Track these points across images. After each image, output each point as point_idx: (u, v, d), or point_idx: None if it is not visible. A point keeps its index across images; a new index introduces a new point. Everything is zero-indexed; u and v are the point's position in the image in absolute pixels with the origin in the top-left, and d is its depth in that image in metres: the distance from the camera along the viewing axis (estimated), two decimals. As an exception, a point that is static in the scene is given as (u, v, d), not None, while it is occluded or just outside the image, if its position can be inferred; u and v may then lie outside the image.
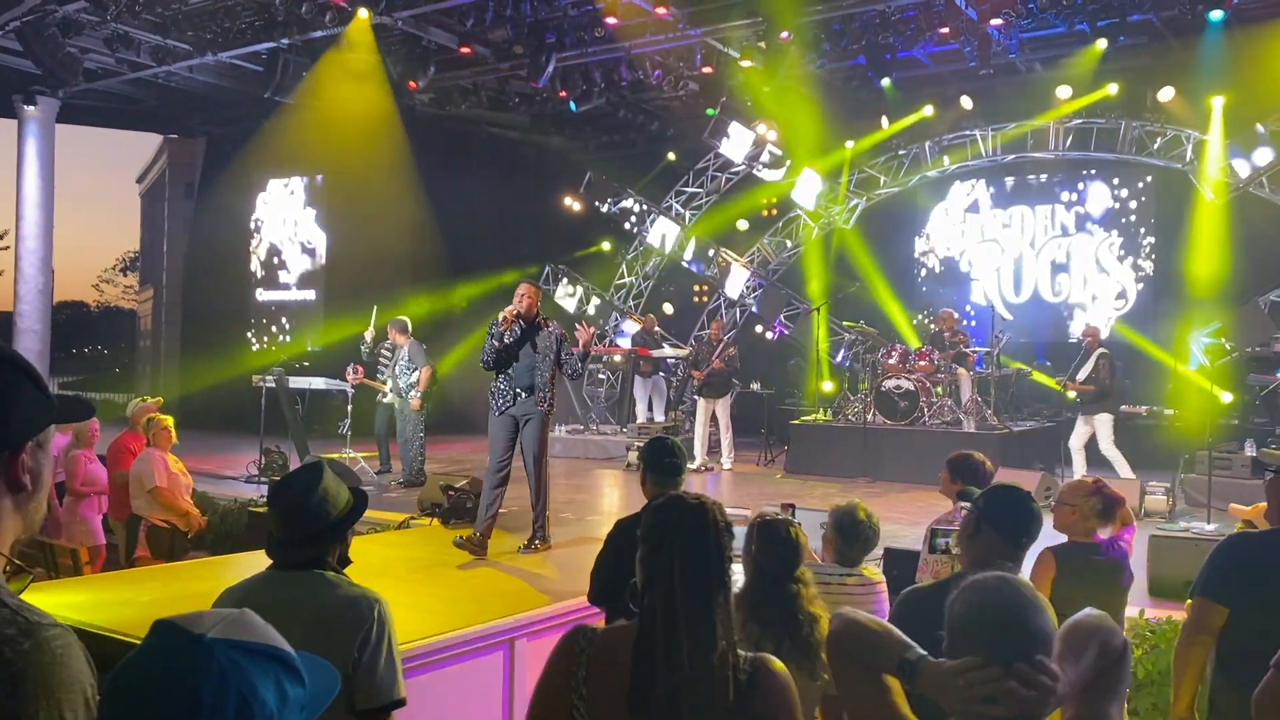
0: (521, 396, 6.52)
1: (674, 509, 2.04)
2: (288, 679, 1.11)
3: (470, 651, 4.70)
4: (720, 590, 1.95)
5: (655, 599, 1.94)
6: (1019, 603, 1.68)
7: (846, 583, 3.76)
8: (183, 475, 7.71)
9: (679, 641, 1.90)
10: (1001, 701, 1.61)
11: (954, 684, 1.65)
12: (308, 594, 2.45)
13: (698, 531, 1.98)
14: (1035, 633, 1.66)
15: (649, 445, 4.13)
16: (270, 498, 2.58)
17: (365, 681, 2.40)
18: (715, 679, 1.89)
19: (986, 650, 1.64)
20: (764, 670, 1.95)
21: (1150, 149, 13.24)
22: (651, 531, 2.02)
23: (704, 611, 1.92)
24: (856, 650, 1.84)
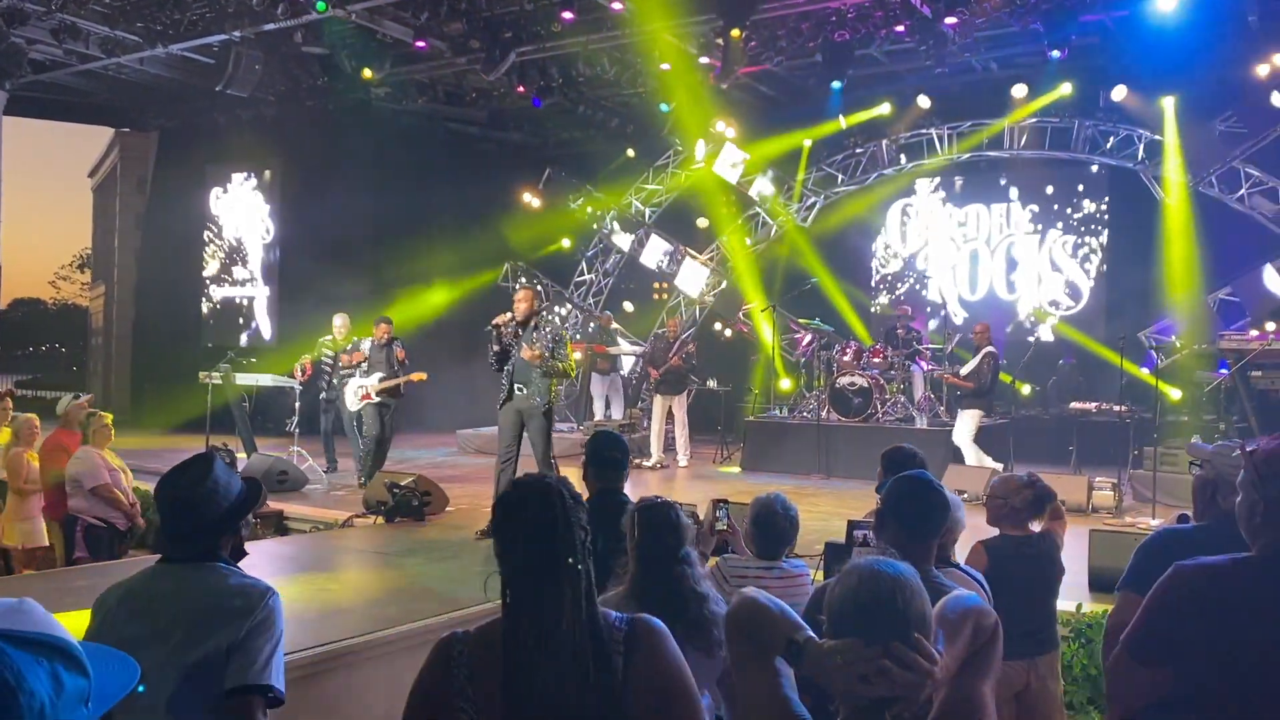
0: (521, 391, 7.27)
1: (515, 493, 2.04)
2: (65, 669, 1.05)
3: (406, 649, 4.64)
4: (572, 563, 1.94)
5: (512, 584, 1.94)
6: (893, 585, 1.70)
7: (764, 576, 3.73)
8: (123, 471, 7.57)
9: (537, 618, 1.91)
10: (876, 681, 1.63)
11: (832, 662, 1.67)
12: (197, 585, 2.38)
13: (540, 510, 1.97)
14: (910, 613, 1.68)
15: (592, 439, 4.11)
16: (157, 490, 2.49)
17: (238, 661, 2.31)
18: (584, 648, 1.90)
19: (863, 630, 1.66)
20: (640, 627, 1.98)
21: (1103, 148, 13.37)
22: (499, 518, 2.01)
23: (556, 588, 1.91)
24: (750, 629, 1.84)
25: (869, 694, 1.65)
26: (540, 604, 1.92)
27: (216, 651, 2.30)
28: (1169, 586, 2.27)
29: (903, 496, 2.77)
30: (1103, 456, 10.60)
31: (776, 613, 1.83)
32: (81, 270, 49.08)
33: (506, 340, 7.31)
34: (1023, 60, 13.31)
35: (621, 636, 1.95)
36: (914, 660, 1.63)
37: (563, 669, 1.89)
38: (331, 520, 7.84)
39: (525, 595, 1.94)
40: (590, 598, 1.96)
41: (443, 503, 7.94)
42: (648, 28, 12.56)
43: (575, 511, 1.99)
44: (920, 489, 2.77)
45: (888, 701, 1.66)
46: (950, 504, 3.49)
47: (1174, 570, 2.28)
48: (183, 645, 2.30)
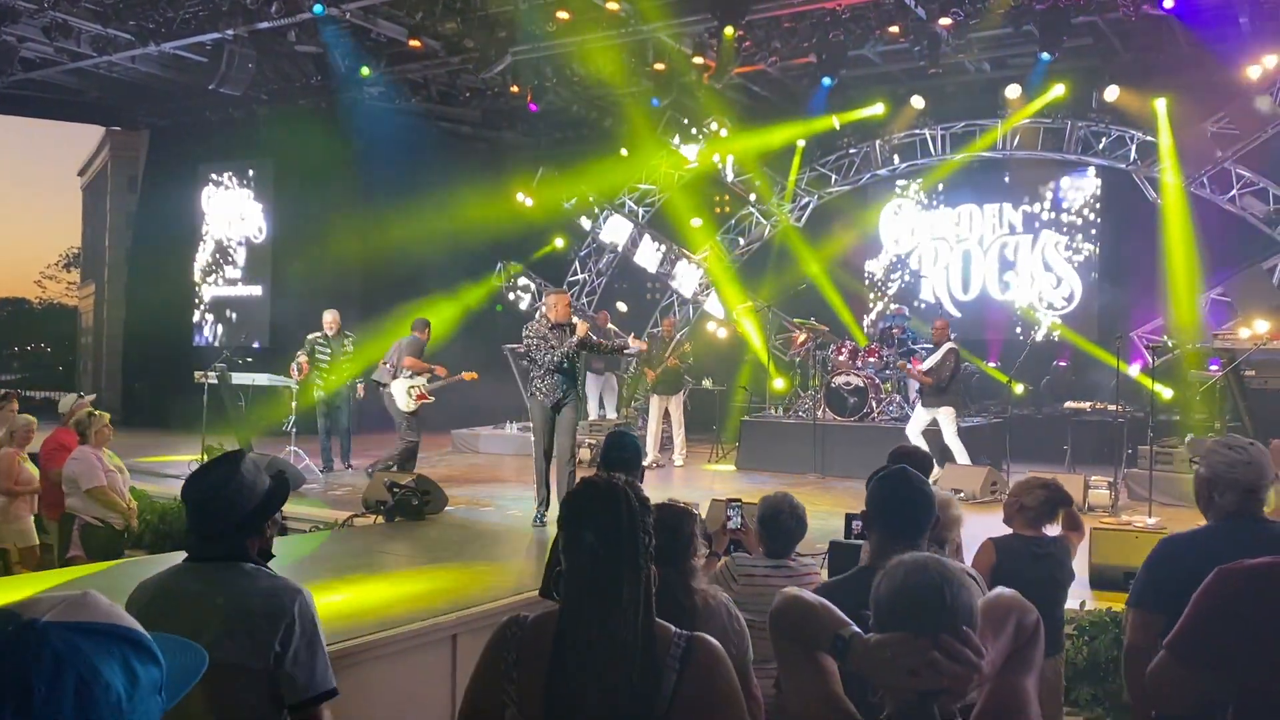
0: (564, 389, 7.93)
1: (584, 491, 2.04)
2: (138, 659, 1.04)
3: (414, 647, 4.65)
4: (634, 567, 1.93)
5: (571, 580, 1.95)
6: (942, 578, 1.71)
7: (772, 575, 3.75)
8: (120, 471, 7.54)
9: (591, 620, 1.91)
10: (924, 673, 1.64)
11: (880, 656, 1.67)
12: (225, 587, 2.37)
13: (607, 510, 1.97)
14: (958, 607, 1.69)
15: (607, 438, 4.11)
16: (185, 489, 2.49)
17: (290, 677, 2.34)
18: (634, 656, 1.89)
19: (910, 624, 1.67)
20: (698, 646, 1.96)
21: (1096, 149, 13.44)
22: (565, 514, 2.02)
23: (615, 589, 1.91)
24: (796, 626, 1.85)
25: (917, 687, 1.65)
26: (597, 606, 1.91)
27: (251, 656, 2.30)
28: (1214, 590, 2.26)
29: (887, 496, 2.75)
30: (1097, 456, 10.65)
31: (821, 609, 1.83)
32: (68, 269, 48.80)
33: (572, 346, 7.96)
34: (1016, 61, 13.38)
35: (679, 654, 1.93)
36: (962, 653, 1.64)
37: (610, 676, 1.88)
38: (331, 520, 7.83)
39: (582, 595, 1.94)
40: (649, 606, 1.94)
41: (442, 502, 7.94)
42: (642, 28, 12.58)
43: (642, 515, 1.99)
44: (903, 487, 2.75)
45: (935, 694, 1.66)
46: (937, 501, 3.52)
47: (1218, 573, 2.28)
48: (212, 647, 2.30)
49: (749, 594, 3.63)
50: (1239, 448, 2.97)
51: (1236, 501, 2.91)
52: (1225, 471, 2.94)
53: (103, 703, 0.98)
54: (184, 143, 17.70)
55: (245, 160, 17.30)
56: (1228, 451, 2.96)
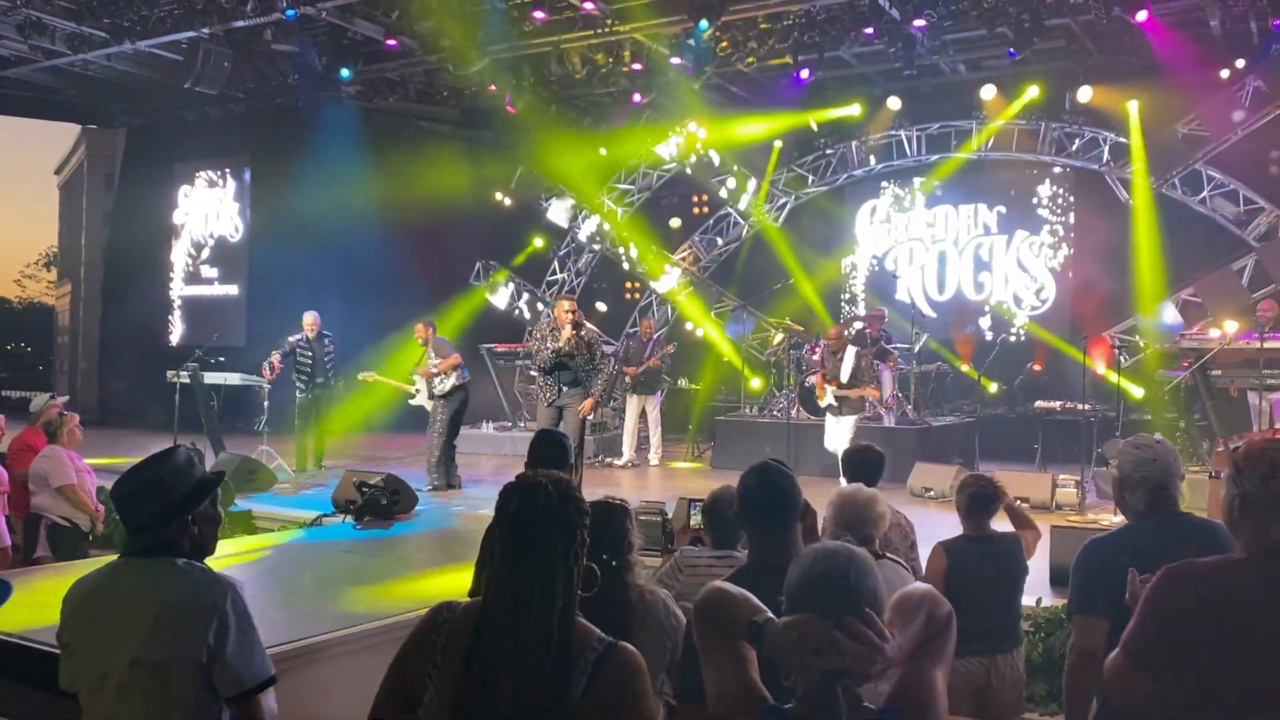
0: (565, 390, 8.54)
1: (511, 488, 2.06)
2: None
3: (377, 644, 4.64)
4: (554, 565, 1.96)
5: (494, 574, 1.98)
6: (847, 562, 1.78)
7: (716, 565, 3.78)
8: (88, 473, 7.52)
9: (509, 614, 1.94)
10: (828, 653, 1.69)
11: (788, 637, 1.73)
12: (157, 581, 2.39)
13: (531, 507, 1.99)
14: (862, 590, 1.75)
15: (534, 437, 4.12)
16: (115, 485, 2.50)
17: (225, 670, 2.35)
18: (548, 654, 1.92)
19: (816, 605, 1.73)
20: (615, 654, 1.98)
21: (1069, 150, 13.55)
22: (496, 511, 2.05)
23: (533, 586, 1.94)
24: (715, 616, 1.90)
25: (822, 666, 1.70)
26: (515, 601, 1.94)
27: (185, 650, 2.32)
28: (1162, 590, 2.29)
29: (748, 492, 2.77)
30: (1067, 454, 10.72)
31: (740, 597, 1.88)
32: (48, 268, 48.42)
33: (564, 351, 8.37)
34: (991, 63, 13.47)
35: (594, 657, 1.95)
36: (865, 634, 1.69)
37: (522, 671, 1.91)
38: (300, 519, 7.82)
39: (502, 589, 1.97)
40: (568, 606, 1.96)
41: (411, 502, 7.93)
42: (619, 28, 12.60)
43: (566, 513, 2.00)
44: (763, 482, 2.76)
45: (839, 674, 1.71)
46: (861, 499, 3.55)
47: (1165, 574, 2.31)
48: (145, 643, 2.32)
49: (693, 585, 3.66)
50: (1145, 446, 3.01)
51: (1146, 499, 2.96)
52: (1133, 470, 2.99)
53: None
54: (160, 141, 17.62)
55: (221, 159, 17.23)
56: (1135, 451, 3.01)
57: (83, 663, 2.39)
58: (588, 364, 8.64)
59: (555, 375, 8.55)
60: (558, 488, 2.03)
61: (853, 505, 3.47)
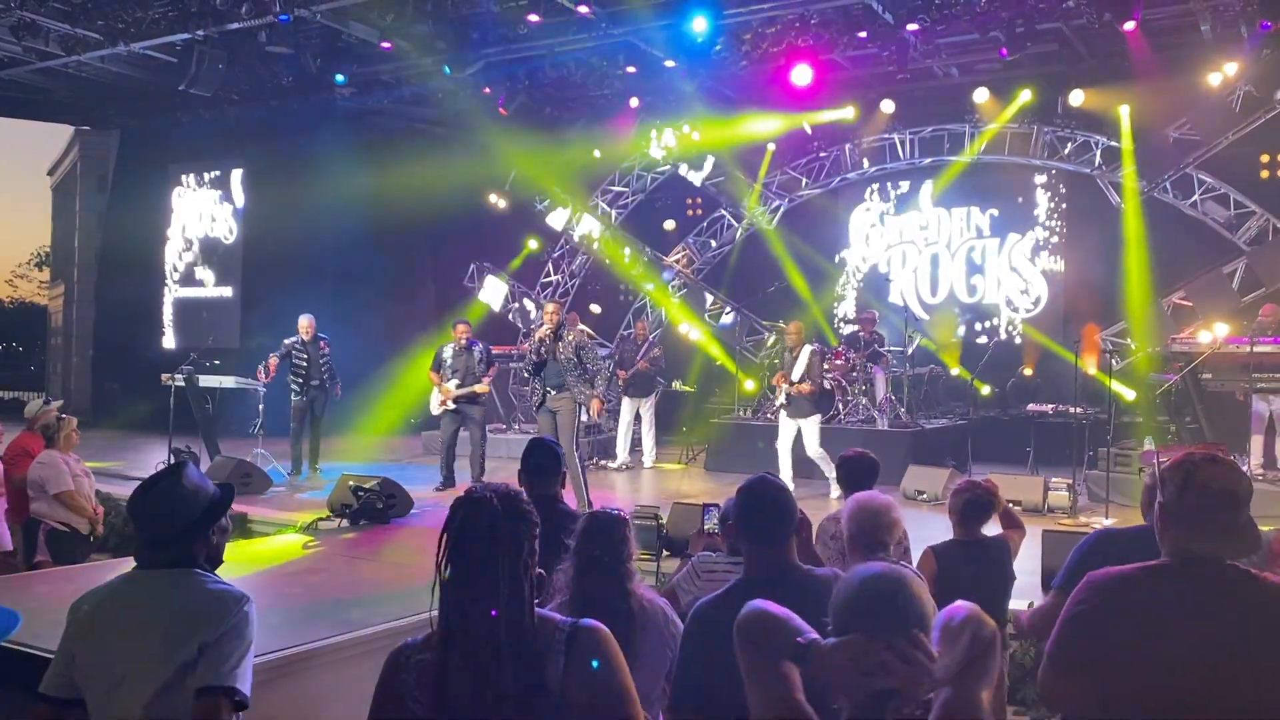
0: (551, 394, 8.59)
1: (457, 503, 2.10)
2: None
3: (372, 650, 4.66)
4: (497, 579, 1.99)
5: (445, 589, 2.02)
6: (895, 585, 1.80)
7: (733, 571, 3.82)
8: (86, 476, 7.52)
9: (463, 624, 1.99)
10: (877, 675, 1.71)
11: (836, 659, 1.74)
12: (172, 591, 2.43)
13: (475, 520, 2.02)
14: (910, 612, 1.77)
15: (526, 446, 4.15)
16: (131, 499, 2.53)
17: (208, 663, 2.36)
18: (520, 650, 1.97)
19: (865, 627, 1.75)
20: (582, 630, 2.05)
21: (1061, 154, 13.63)
22: (446, 528, 2.08)
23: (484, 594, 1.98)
24: (758, 636, 1.92)
25: (871, 688, 1.72)
26: (466, 610, 1.99)
27: (191, 658, 2.35)
28: (1084, 597, 2.32)
29: (745, 504, 2.80)
30: (1059, 457, 10.77)
31: (783, 618, 1.90)
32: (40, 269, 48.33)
33: (544, 351, 8.38)
34: (983, 66, 13.53)
35: (563, 638, 2.02)
36: (914, 655, 1.71)
37: (485, 672, 1.95)
38: (296, 523, 7.83)
39: (453, 601, 2.01)
40: (521, 608, 2.01)
41: (407, 505, 7.97)
42: (613, 31, 12.63)
43: (518, 528, 2.04)
44: (759, 495, 2.79)
45: (888, 696, 1.73)
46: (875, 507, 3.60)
47: (1087, 580, 2.33)
48: (159, 652, 2.34)
49: (709, 589, 3.71)
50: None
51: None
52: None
53: None
54: (154, 143, 17.61)
55: (216, 161, 17.24)
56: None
57: (94, 671, 2.41)
58: (575, 369, 8.62)
59: (541, 378, 8.64)
60: (503, 502, 2.06)
61: (867, 512, 3.51)
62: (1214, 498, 2.27)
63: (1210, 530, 2.27)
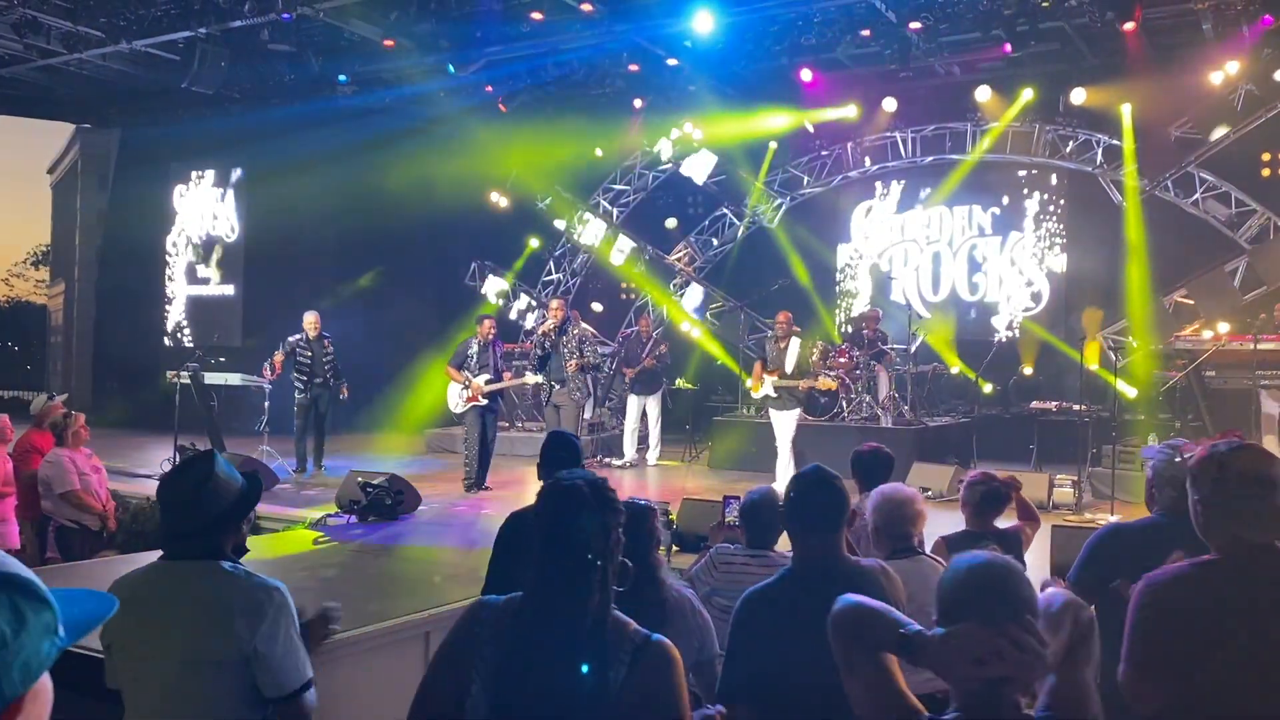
0: (556, 389, 8.85)
1: (555, 490, 2.11)
2: (26, 602, 1.09)
3: (386, 644, 4.68)
4: (597, 566, 2.01)
5: (539, 572, 2.04)
6: (1005, 571, 1.79)
7: (750, 564, 3.85)
8: (97, 471, 7.53)
9: (553, 613, 2.00)
10: (991, 662, 1.69)
11: (948, 648, 1.73)
12: (202, 584, 2.43)
13: (578, 509, 2.04)
14: (1021, 598, 1.76)
15: (546, 439, 4.17)
16: (160, 489, 2.54)
17: (269, 671, 2.39)
18: (589, 649, 1.98)
19: (977, 616, 1.74)
20: (653, 647, 2.04)
21: (1063, 152, 13.65)
22: (538, 511, 2.10)
23: (578, 585, 2.00)
24: (856, 629, 1.92)
25: (984, 676, 1.71)
26: (554, 597, 2.00)
27: (230, 651, 2.35)
28: (1145, 599, 2.33)
29: (796, 497, 2.82)
30: (1062, 454, 10.79)
31: (881, 610, 1.90)
32: (36, 267, 48.19)
33: (548, 346, 8.53)
34: (985, 65, 13.55)
35: (631, 649, 2.01)
36: (1028, 641, 1.70)
37: (559, 664, 1.96)
38: (304, 519, 7.84)
39: (542, 586, 2.02)
40: (604, 602, 2.02)
41: (415, 501, 7.98)
42: (616, 29, 12.64)
43: (609, 515, 2.06)
44: (816, 486, 2.82)
45: (1002, 683, 1.72)
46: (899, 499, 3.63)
47: (1146, 582, 2.36)
48: (190, 643, 2.35)
49: (725, 581, 3.74)
50: (1175, 447, 3.24)
51: (1174, 496, 3.04)
52: (1163, 469, 3.16)
53: None
54: (156, 141, 17.58)
55: (217, 159, 17.22)
56: (1168, 450, 3.21)
57: (126, 662, 2.42)
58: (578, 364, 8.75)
59: (546, 373, 8.80)
60: (594, 489, 2.09)
61: (893, 505, 3.54)
62: (1254, 484, 2.28)
63: (1260, 517, 2.28)
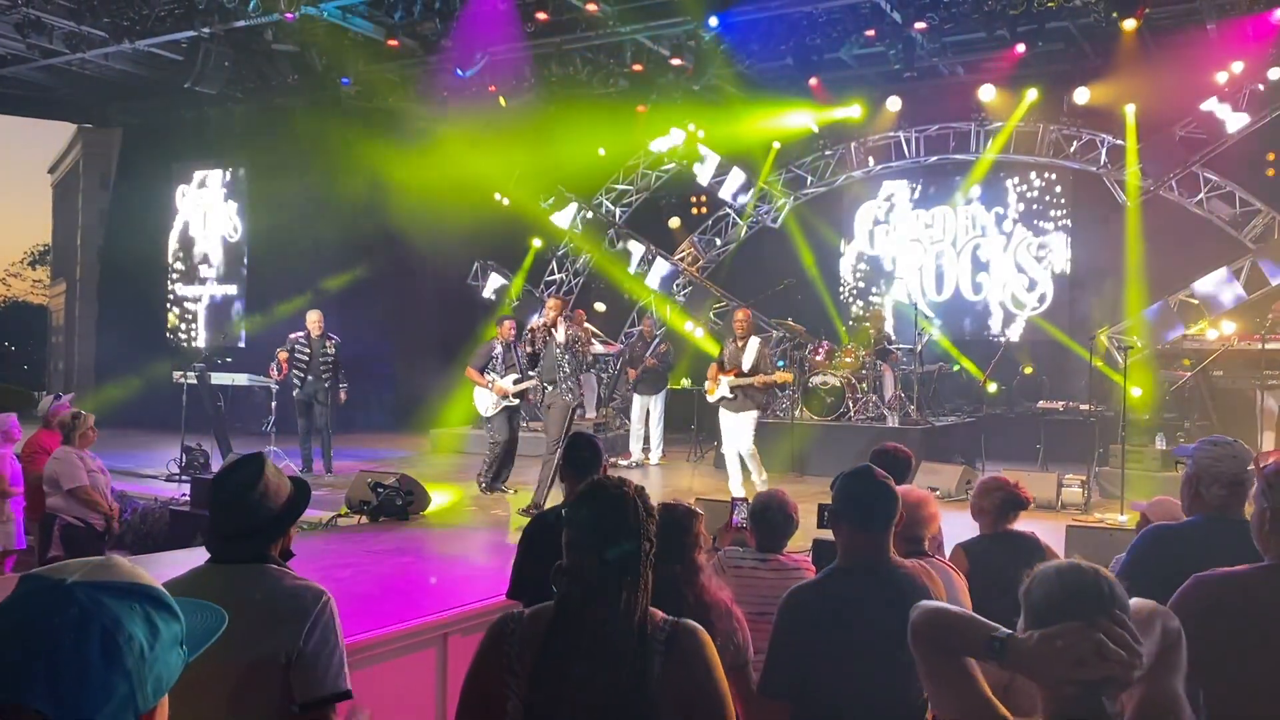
0: (548, 389, 8.51)
1: (592, 494, 2.12)
2: (158, 614, 1.13)
3: (404, 648, 4.68)
4: (633, 572, 2.02)
5: (572, 579, 2.03)
6: (1095, 572, 1.78)
7: (760, 567, 3.85)
8: (102, 473, 7.52)
9: (588, 620, 2.00)
10: (1091, 662, 1.67)
11: (1047, 650, 1.70)
12: (251, 587, 2.41)
13: (615, 514, 2.05)
14: (1116, 597, 1.74)
15: (569, 441, 4.18)
16: (212, 490, 2.53)
17: (306, 673, 2.36)
18: (626, 648, 1.98)
19: (1076, 616, 1.71)
20: (682, 632, 2.06)
21: (1067, 152, 13.66)
22: (571, 515, 2.10)
23: (613, 592, 2.00)
24: (941, 636, 1.90)
25: (1085, 677, 1.68)
26: (595, 607, 2.00)
27: (274, 654, 2.33)
28: (1195, 598, 2.31)
29: (851, 493, 2.82)
30: (1069, 454, 10.80)
31: (966, 615, 1.89)
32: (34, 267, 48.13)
33: (539, 345, 8.29)
34: (989, 65, 13.54)
35: (663, 638, 2.03)
36: (1125, 638, 1.67)
37: (601, 673, 1.97)
38: (314, 520, 7.82)
39: (582, 594, 2.02)
40: (642, 604, 2.03)
41: (425, 502, 7.97)
42: (620, 29, 12.64)
43: (646, 521, 2.07)
44: (867, 484, 2.81)
45: (1102, 685, 1.69)
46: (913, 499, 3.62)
47: (1197, 582, 2.34)
48: (237, 647, 2.33)
49: (736, 586, 3.72)
50: (1223, 443, 3.10)
51: (1223, 495, 3.01)
52: (1210, 466, 3.05)
53: (126, 651, 1.08)
54: (158, 141, 17.57)
55: (220, 159, 17.20)
56: (1212, 448, 3.09)
57: None
58: (568, 363, 8.53)
59: (538, 373, 8.62)
60: (636, 494, 2.10)
61: (905, 505, 3.53)
62: None
63: None
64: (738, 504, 4.55)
